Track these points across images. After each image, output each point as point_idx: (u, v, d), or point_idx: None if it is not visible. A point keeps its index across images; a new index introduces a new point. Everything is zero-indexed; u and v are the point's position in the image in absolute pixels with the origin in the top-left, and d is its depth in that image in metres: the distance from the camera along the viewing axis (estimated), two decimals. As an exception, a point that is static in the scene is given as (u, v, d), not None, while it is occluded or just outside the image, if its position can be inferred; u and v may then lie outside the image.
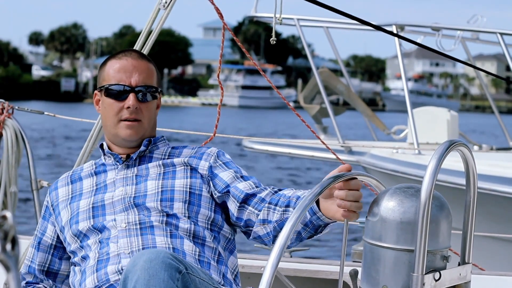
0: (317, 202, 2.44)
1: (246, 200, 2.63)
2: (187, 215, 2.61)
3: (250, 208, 2.62)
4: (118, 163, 2.72)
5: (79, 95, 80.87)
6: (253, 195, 2.63)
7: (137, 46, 3.48)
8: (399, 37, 3.10)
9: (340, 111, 9.06)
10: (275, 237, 2.57)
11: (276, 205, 2.57)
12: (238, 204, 2.63)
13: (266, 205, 2.59)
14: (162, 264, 2.19)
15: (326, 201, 2.40)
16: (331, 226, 2.50)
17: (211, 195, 2.68)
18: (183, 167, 2.70)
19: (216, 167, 2.70)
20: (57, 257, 2.76)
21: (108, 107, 2.70)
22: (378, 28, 3.04)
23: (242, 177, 2.68)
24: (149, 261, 2.19)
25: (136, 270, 2.19)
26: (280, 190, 2.64)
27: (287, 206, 2.54)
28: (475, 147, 8.43)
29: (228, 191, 2.66)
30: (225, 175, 2.68)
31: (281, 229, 2.50)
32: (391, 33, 3.36)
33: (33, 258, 2.78)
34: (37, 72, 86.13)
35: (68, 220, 2.68)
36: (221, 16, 3.25)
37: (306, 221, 2.47)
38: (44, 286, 2.75)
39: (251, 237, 2.67)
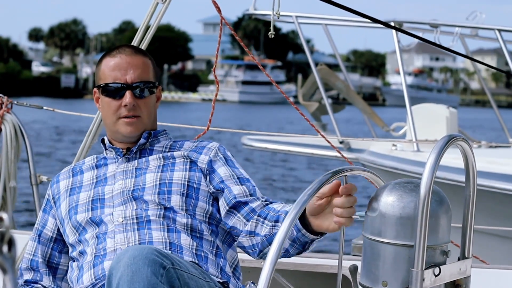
0: (303, 220, 2.42)
1: (236, 206, 2.64)
2: (184, 208, 2.61)
3: (239, 215, 2.63)
4: (119, 157, 2.74)
5: (79, 91, 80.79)
6: (245, 203, 2.63)
7: (135, 41, 3.47)
8: (398, 30, 3.09)
9: (339, 109, 9.05)
10: (261, 251, 2.58)
11: (265, 218, 2.57)
12: (227, 208, 2.64)
13: (255, 217, 2.60)
14: (145, 260, 2.18)
15: (317, 218, 2.39)
16: (319, 240, 2.49)
17: (209, 189, 2.68)
18: (182, 159, 2.70)
19: (216, 162, 2.70)
20: (56, 251, 2.76)
21: (106, 105, 2.71)
22: (377, 21, 3.03)
23: (238, 178, 2.68)
24: (132, 258, 2.19)
25: (120, 267, 2.19)
26: (271, 203, 2.64)
27: (276, 221, 2.54)
28: (474, 144, 8.40)
29: (222, 190, 2.66)
30: (222, 171, 2.69)
31: (269, 243, 2.53)
32: (390, 26, 3.35)
33: (35, 252, 2.77)
34: (37, 68, 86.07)
35: (68, 212, 2.69)
36: (219, 10, 3.24)
37: (293, 237, 2.46)
38: (43, 285, 2.74)
39: (235, 243, 2.69)
